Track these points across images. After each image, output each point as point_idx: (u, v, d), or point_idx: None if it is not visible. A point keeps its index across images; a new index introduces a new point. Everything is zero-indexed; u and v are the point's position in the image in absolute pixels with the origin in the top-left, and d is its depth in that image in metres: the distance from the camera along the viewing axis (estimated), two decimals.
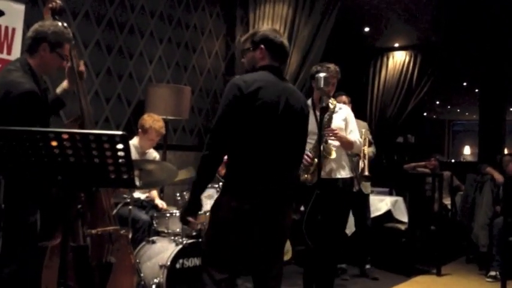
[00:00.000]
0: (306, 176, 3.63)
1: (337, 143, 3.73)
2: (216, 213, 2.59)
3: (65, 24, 3.08)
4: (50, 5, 3.06)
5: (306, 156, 3.61)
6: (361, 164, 4.86)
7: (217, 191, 4.08)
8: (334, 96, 4.93)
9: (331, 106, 3.76)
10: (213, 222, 2.62)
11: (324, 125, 3.60)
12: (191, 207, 2.59)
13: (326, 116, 3.70)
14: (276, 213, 2.61)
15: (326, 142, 3.58)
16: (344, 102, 4.96)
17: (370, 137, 5.23)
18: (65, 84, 3.10)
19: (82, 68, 3.07)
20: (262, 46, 2.64)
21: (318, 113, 3.51)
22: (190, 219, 2.59)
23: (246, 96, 2.46)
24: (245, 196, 2.51)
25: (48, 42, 2.82)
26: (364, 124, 5.32)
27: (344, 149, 3.84)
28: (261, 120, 2.51)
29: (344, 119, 3.85)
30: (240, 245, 2.55)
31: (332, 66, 3.81)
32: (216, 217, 2.59)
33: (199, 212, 2.85)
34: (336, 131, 3.64)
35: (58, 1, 3.08)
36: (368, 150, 4.99)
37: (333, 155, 3.58)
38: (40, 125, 2.67)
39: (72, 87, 3.06)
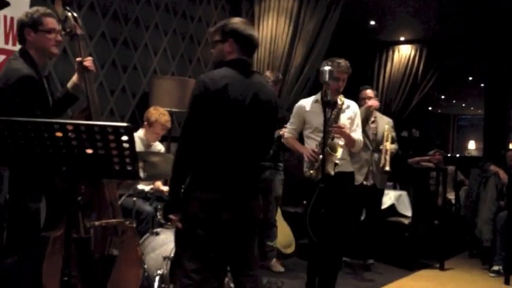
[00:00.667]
0: (311, 171, 3.62)
1: (342, 141, 3.72)
2: (184, 207, 2.54)
3: (75, 14, 3.10)
4: None
5: (312, 152, 3.61)
6: (382, 160, 4.90)
7: None
8: (360, 90, 5.01)
9: (339, 102, 3.75)
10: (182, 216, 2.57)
11: (331, 122, 3.60)
12: (171, 205, 2.56)
13: (334, 112, 3.69)
14: (244, 206, 2.60)
15: (332, 139, 3.57)
16: (369, 97, 5.01)
17: (394, 134, 5.21)
18: (74, 78, 3.11)
19: (87, 63, 3.07)
20: (231, 39, 2.59)
21: (325, 109, 3.52)
22: (172, 216, 2.55)
23: (212, 93, 2.44)
24: (213, 189, 2.50)
25: (28, 26, 2.85)
26: (389, 120, 5.27)
27: (346, 146, 3.82)
28: (227, 116, 2.50)
29: (350, 117, 3.83)
30: (209, 237, 2.52)
31: (343, 61, 3.76)
32: (184, 210, 2.54)
33: None
34: (342, 128, 3.63)
35: None
36: (391, 146, 5.01)
37: (339, 153, 3.55)
38: (39, 110, 2.69)
39: (81, 81, 3.08)
